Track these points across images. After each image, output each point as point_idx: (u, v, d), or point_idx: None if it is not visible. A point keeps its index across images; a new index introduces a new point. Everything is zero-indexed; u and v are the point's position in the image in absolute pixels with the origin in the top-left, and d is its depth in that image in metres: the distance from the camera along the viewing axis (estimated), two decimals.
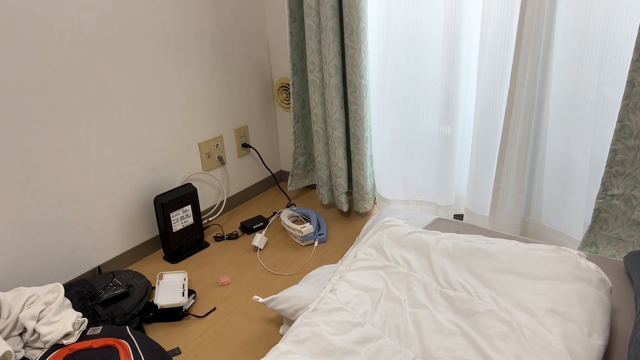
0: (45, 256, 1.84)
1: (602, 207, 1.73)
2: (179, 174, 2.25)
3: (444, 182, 2.15)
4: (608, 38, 1.61)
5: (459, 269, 1.32)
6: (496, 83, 1.87)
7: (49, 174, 1.79)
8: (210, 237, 2.31)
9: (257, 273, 2.02)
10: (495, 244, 1.39)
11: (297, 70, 2.33)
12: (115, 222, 2.04)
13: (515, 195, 1.94)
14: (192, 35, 2.17)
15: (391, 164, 2.26)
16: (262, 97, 2.61)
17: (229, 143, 2.47)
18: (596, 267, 1.27)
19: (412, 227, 1.53)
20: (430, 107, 2.09)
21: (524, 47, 1.72)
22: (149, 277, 2.03)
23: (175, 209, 2.09)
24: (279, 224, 2.38)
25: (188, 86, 2.20)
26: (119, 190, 2.02)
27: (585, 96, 1.72)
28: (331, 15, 2.04)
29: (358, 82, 2.11)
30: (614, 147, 1.64)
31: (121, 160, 2.01)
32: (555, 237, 1.95)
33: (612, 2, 1.57)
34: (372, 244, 1.47)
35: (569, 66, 1.73)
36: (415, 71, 2.05)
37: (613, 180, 1.68)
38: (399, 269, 1.36)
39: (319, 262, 2.06)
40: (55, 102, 1.76)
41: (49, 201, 1.81)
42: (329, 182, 2.42)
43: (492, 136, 1.96)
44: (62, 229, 1.87)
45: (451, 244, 1.40)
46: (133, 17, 1.93)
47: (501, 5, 1.76)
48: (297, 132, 2.45)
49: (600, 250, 1.78)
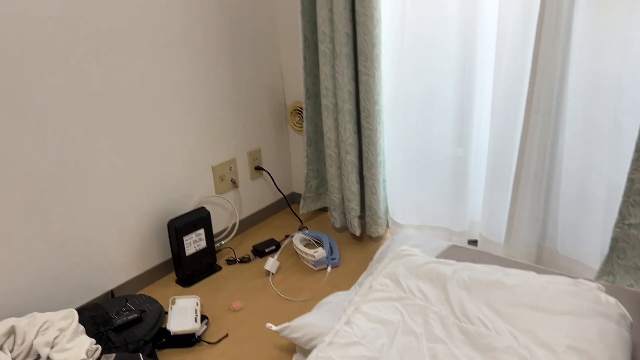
0: (59, 280, 1.84)
1: (619, 236, 1.71)
2: (192, 197, 2.26)
3: (458, 208, 2.14)
4: (625, 67, 1.61)
5: (476, 302, 1.31)
6: (511, 110, 1.86)
7: (62, 198, 1.80)
8: (223, 260, 2.31)
9: (269, 298, 2.01)
10: (513, 275, 1.37)
11: (310, 94, 2.34)
12: (129, 246, 2.05)
13: (531, 223, 1.92)
14: (207, 60, 2.19)
15: (404, 188, 2.25)
16: (275, 120, 2.62)
17: (242, 166, 2.48)
18: (616, 301, 1.25)
19: (428, 257, 1.52)
20: (443, 133, 2.09)
21: (539, 76, 1.72)
22: (162, 301, 2.03)
23: (188, 233, 2.09)
24: (291, 247, 2.38)
25: (202, 110, 2.22)
26: (133, 214, 2.03)
27: (601, 125, 1.71)
28: (345, 42, 2.06)
29: (372, 108, 2.11)
30: (631, 177, 1.63)
31: (135, 184, 2.02)
32: (571, 266, 1.93)
33: (628, 31, 1.57)
34: (387, 274, 1.46)
35: (584, 95, 1.72)
36: (428, 97, 2.06)
37: (631, 209, 1.67)
38: (415, 301, 1.35)
39: (332, 288, 2.04)
40: (72, 127, 1.78)
41: (63, 225, 1.82)
42: (341, 205, 2.42)
43: (506, 163, 1.95)
44: (76, 253, 1.88)
45: (468, 276, 1.39)
46: (147, 44, 1.96)
47: (516, 34, 1.76)
48: (309, 155, 2.46)
49: (618, 279, 1.75)
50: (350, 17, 2.04)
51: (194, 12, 2.09)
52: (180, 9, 2.04)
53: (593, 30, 1.64)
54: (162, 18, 1.98)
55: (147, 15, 1.93)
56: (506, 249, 2.01)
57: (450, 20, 1.91)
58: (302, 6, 2.16)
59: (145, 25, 1.93)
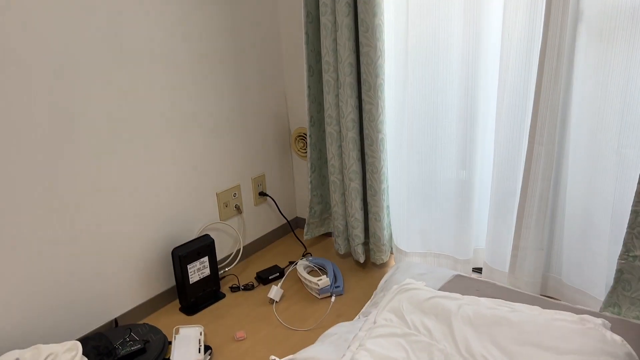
0: (63, 310, 1.84)
1: (624, 268, 1.71)
2: (196, 224, 2.27)
3: (462, 235, 2.14)
4: (627, 101, 1.62)
5: (481, 339, 1.31)
6: (514, 142, 1.87)
7: (65, 226, 1.81)
8: (226, 287, 2.30)
9: (273, 328, 2.01)
10: (518, 311, 1.37)
11: (314, 122, 2.36)
12: (133, 274, 2.05)
13: (535, 253, 1.92)
14: (212, 86, 2.22)
15: (408, 215, 2.25)
16: (280, 146, 2.64)
17: (246, 192, 2.49)
18: (622, 340, 1.24)
19: (433, 291, 1.51)
20: (447, 163, 2.09)
21: (541, 108, 1.73)
22: (165, 330, 2.02)
23: (192, 261, 2.10)
24: (295, 274, 2.37)
25: (207, 137, 2.24)
26: (137, 242, 2.04)
27: (604, 157, 1.71)
28: (349, 72, 2.08)
29: (375, 136, 2.13)
30: (635, 209, 1.63)
31: (140, 212, 2.03)
32: (576, 296, 1.92)
33: (630, 67, 1.59)
34: (391, 309, 1.46)
35: (587, 127, 1.73)
36: (432, 127, 2.07)
37: (635, 241, 1.66)
38: (420, 337, 1.35)
39: (336, 317, 2.04)
40: (75, 155, 1.79)
41: (66, 255, 1.83)
42: (345, 232, 2.42)
43: (510, 193, 1.95)
44: (80, 282, 1.88)
45: (473, 311, 1.38)
46: (153, 71, 1.98)
47: (518, 66, 1.78)
48: (313, 181, 2.47)
49: (624, 311, 1.74)
50: (353, 48, 2.07)
51: (199, 39, 2.12)
52: (186, 37, 2.07)
53: (595, 65, 1.66)
54: (167, 45, 2.01)
55: (152, 42, 1.95)
56: (511, 279, 2.01)
57: (454, 52, 1.93)
58: (307, 36, 2.19)
59: (151, 52, 1.96)
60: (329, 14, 2.06)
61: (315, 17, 2.17)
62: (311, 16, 2.16)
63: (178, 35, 2.04)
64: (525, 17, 1.72)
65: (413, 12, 1.95)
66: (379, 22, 1.97)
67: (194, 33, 2.10)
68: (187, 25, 2.06)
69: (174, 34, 2.02)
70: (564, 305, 1.60)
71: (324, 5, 2.06)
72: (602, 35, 1.63)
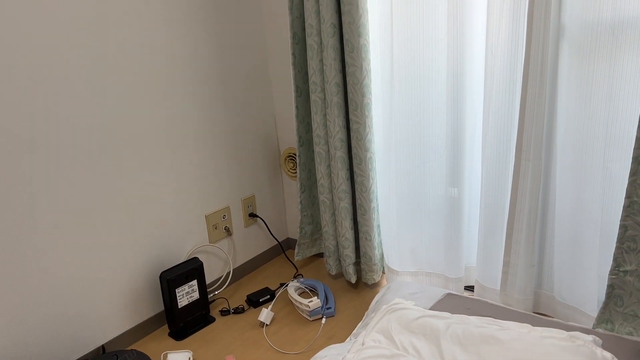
0: (49, 337, 1.81)
1: (615, 284, 1.69)
2: (185, 247, 2.25)
3: (453, 253, 2.13)
4: (610, 116, 1.63)
5: (470, 359, 1.28)
6: (501, 158, 1.87)
7: (52, 252, 1.79)
8: (216, 311, 2.27)
9: (263, 351, 1.97)
10: (507, 330, 1.35)
11: (303, 142, 2.36)
12: (120, 299, 2.02)
13: (526, 270, 1.90)
14: (199, 108, 2.22)
15: (399, 234, 2.24)
16: (269, 166, 2.63)
17: (235, 213, 2.48)
18: (612, 357, 1.23)
19: (421, 310, 1.49)
20: (436, 178, 2.09)
21: (527, 124, 1.74)
22: (154, 356, 1.99)
23: (180, 285, 2.07)
24: (286, 296, 2.34)
25: (195, 159, 2.23)
26: (125, 266, 2.02)
27: (592, 172, 1.71)
28: (336, 92, 2.09)
29: (363, 155, 2.13)
30: (623, 223, 1.62)
31: (127, 236, 2.01)
32: (568, 312, 1.90)
33: (612, 82, 1.60)
34: (380, 330, 1.44)
35: (573, 143, 1.73)
36: (419, 144, 2.07)
37: (625, 256, 1.65)
38: (408, 358, 1.32)
39: (327, 340, 2.01)
40: (61, 179, 1.78)
41: (52, 280, 1.80)
42: (336, 252, 2.40)
43: (499, 209, 1.94)
44: (66, 309, 1.85)
45: (462, 330, 1.36)
46: (137, 94, 1.99)
47: (503, 83, 1.79)
48: (303, 201, 2.46)
49: (617, 327, 1.72)
50: (340, 68, 2.08)
51: (187, 62, 2.13)
52: (172, 59, 2.08)
53: (578, 80, 1.67)
54: (153, 67, 2.01)
55: (137, 64, 1.96)
56: (502, 296, 1.99)
57: (439, 71, 1.94)
58: (294, 57, 2.20)
59: (136, 74, 1.96)
60: (314, 35, 2.08)
61: (302, 39, 2.19)
62: (297, 37, 2.18)
63: (165, 59, 2.04)
64: (508, 34, 1.73)
65: (397, 32, 1.97)
66: (364, 42, 1.99)
67: (182, 56, 2.10)
68: (175, 49, 2.07)
69: (161, 57, 2.03)
70: (555, 323, 1.58)
71: (309, 27, 2.07)
72: (584, 50, 1.64)
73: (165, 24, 2.02)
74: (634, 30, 1.53)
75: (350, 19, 1.96)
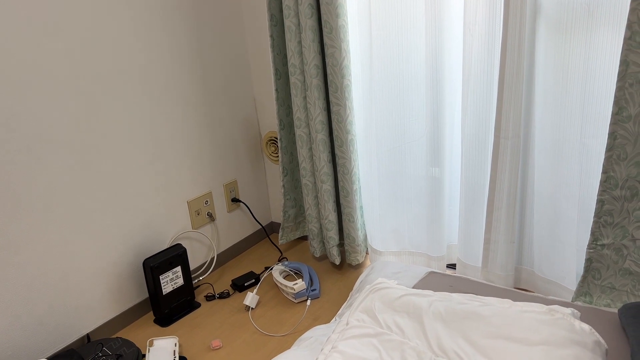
0: (33, 327, 1.80)
1: (593, 257, 1.73)
2: (168, 234, 2.24)
3: (435, 232, 2.15)
4: (587, 93, 1.64)
5: (452, 335, 1.30)
6: (480, 137, 1.89)
7: (33, 240, 1.77)
8: (201, 296, 2.27)
9: (249, 334, 1.98)
10: (489, 305, 1.37)
11: (284, 125, 2.35)
12: (104, 288, 2.01)
13: (506, 246, 1.93)
14: (179, 93, 2.19)
15: (381, 215, 2.25)
16: (251, 151, 2.62)
17: (218, 199, 2.47)
18: (590, 328, 1.25)
19: (404, 289, 1.51)
20: (416, 159, 2.10)
21: (505, 102, 1.75)
22: (139, 343, 1.99)
23: (164, 271, 2.06)
24: (271, 279, 2.35)
25: (175, 145, 2.21)
26: (107, 254, 2.00)
27: (569, 149, 1.74)
28: (315, 74, 2.07)
29: (345, 137, 2.12)
30: (600, 198, 1.65)
31: (109, 224, 1.99)
32: (548, 287, 1.94)
33: (588, 59, 1.61)
34: (364, 309, 1.45)
35: (551, 120, 1.75)
36: (399, 125, 2.08)
37: (602, 230, 1.69)
38: (392, 337, 1.34)
39: (313, 321, 2.02)
40: (41, 167, 1.75)
41: (34, 271, 1.78)
42: (320, 234, 2.41)
43: (479, 188, 1.96)
44: (49, 299, 1.83)
45: (444, 307, 1.38)
46: (118, 81, 1.95)
47: (481, 61, 1.79)
48: (286, 185, 2.45)
49: (595, 299, 1.77)
50: (319, 50, 2.06)
51: (164, 48, 2.09)
52: (151, 46, 2.04)
53: (555, 58, 1.68)
54: (131, 55, 1.98)
55: (116, 52, 1.92)
56: (484, 273, 2.02)
57: (418, 51, 1.94)
58: (272, 39, 2.18)
59: (116, 62, 1.92)
60: (292, 17, 2.05)
61: (279, 20, 2.16)
62: (275, 19, 2.15)
63: (143, 45, 2.01)
64: (485, 13, 1.73)
65: (375, 13, 1.95)
66: (342, 23, 1.97)
67: (159, 42, 2.07)
68: (152, 34, 2.03)
69: (139, 43, 1.99)
70: (536, 297, 1.61)
71: (287, 8, 2.05)
72: (561, 28, 1.65)
73: (141, 9, 1.98)
74: (608, 6, 1.54)
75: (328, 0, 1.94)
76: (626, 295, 1.71)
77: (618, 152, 1.57)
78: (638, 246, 1.64)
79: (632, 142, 1.54)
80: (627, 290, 1.71)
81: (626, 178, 1.58)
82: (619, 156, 1.57)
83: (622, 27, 1.53)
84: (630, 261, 1.66)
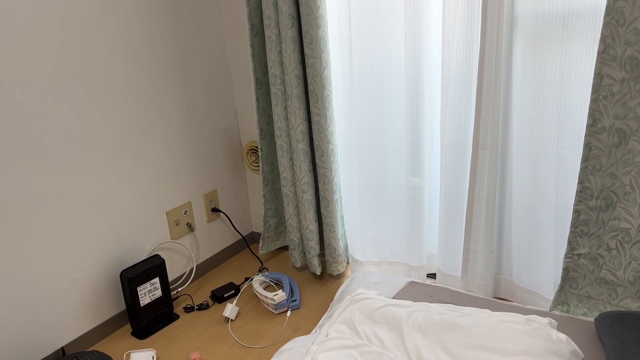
0: (7, 342, 1.75)
1: (570, 267, 1.75)
2: (146, 244, 2.20)
3: (415, 242, 2.15)
4: (563, 103, 1.67)
5: (431, 346, 1.30)
6: (459, 147, 1.90)
7: (5, 252, 1.73)
8: (180, 308, 2.24)
9: (228, 347, 1.96)
10: (467, 316, 1.38)
11: (265, 134, 2.34)
12: (80, 300, 1.97)
13: (485, 256, 1.94)
14: (158, 104, 2.17)
15: (362, 225, 2.25)
16: (231, 160, 2.60)
17: (197, 209, 2.44)
18: (567, 338, 1.27)
19: (384, 300, 1.51)
20: (396, 169, 2.11)
21: (483, 112, 1.77)
22: (116, 356, 1.95)
23: (142, 283, 2.03)
24: (251, 290, 2.33)
25: (154, 155, 2.19)
26: (83, 266, 1.96)
27: (546, 159, 1.76)
28: (296, 84, 2.08)
29: (325, 147, 2.12)
30: (577, 208, 1.67)
31: (85, 235, 1.95)
32: (527, 296, 1.95)
33: (564, 71, 1.64)
34: (343, 320, 1.45)
35: (528, 131, 1.77)
36: (380, 135, 2.08)
37: (579, 239, 1.71)
38: (371, 348, 1.33)
39: (293, 332, 2.01)
40: (14, 175, 1.72)
41: (7, 282, 1.73)
42: (300, 244, 2.40)
43: (458, 197, 1.98)
44: (22, 311, 1.79)
45: (423, 318, 1.38)
46: (95, 89, 1.93)
47: (459, 72, 1.81)
48: (267, 195, 2.44)
49: (572, 309, 1.78)
50: (299, 60, 2.06)
51: (143, 56, 2.08)
52: (130, 55, 2.02)
53: (531, 69, 1.71)
54: (109, 62, 1.95)
55: (93, 59, 1.90)
56: (464, 283, 2.03)
57: (397, 61, 1.95)
58: (252, 49, 2.17)
59: (93, 69, 1.90)
60: (273, 27, 2.05)
61: (260, 30, 2.16)
62: (256, 29, 2.15)
63: (122, 54, 1.99)
64: (463, 24, 1.76)
65: (356, 24, 1.97)
66: (322, 34, 1.98)
67: (138, 51, 2.05)
68: (131, 43, 2.01)
69: (118, 53, 1.97)
70: (514, 307, 1.62)
71: (267, 18, 2.05)
72: (537, 41, 1.68)
73: (120, 17, 1.96)
74: (582, 19, 1.57)
75: (308, 10, 1.94)
76: (602, 304, 1.73)
77: (593, 163, 1.60)
78: (613, 255, 1.66)
79: (607, 153, 1.56)
80: (603, 299, 1.73)
81: (601, 188, 1.61)
82: (594, 167, 1.60)
83: (596, 40, 1.57)
84: (606, 270, 1.69)
